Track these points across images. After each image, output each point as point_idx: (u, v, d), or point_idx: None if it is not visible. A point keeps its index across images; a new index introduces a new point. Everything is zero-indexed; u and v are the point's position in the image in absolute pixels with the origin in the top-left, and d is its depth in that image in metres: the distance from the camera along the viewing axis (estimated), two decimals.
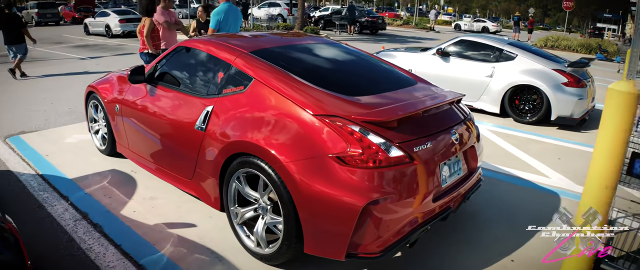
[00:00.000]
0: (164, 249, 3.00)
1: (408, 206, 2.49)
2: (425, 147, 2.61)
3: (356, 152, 2.40)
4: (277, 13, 27.61)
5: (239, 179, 2.85)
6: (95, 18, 22.11)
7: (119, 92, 4.20)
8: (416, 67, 7.78)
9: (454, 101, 3.11)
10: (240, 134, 2.79)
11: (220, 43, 3.42)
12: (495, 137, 6.04)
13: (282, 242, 2.63)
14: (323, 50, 3.64)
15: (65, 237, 3.18)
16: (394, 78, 3.45)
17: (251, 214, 2.89)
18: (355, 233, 2.38)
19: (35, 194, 3.89)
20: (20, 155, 4.86)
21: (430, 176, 2.61)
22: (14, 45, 9.77)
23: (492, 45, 7.40)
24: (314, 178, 2.42)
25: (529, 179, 4.56)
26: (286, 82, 2.86)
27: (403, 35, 25.96)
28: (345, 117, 2.53)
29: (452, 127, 2.90)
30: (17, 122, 6.27)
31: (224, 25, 6.62)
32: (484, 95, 7.19)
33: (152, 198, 3.79)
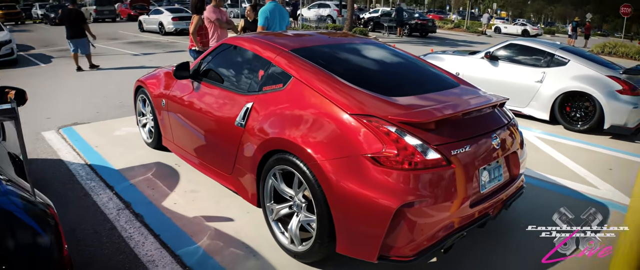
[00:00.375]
0: (201, 241, 3.07)
1: (444, 210, 2.44)
2: (464, 151, 2.54)
3: (391, 153, 2.36)
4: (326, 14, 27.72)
5: (275, 176, 2.88)
6: (149, 15, 22.94)
7: (166, 87, 4.33)
8: (464, 71, 7.61)
9: (496, 105, 3.01)
10: (277, 131, 2.82)
11: (262, 41, 3.47)
12: (543, 144, 5.81)
13: (315, 240, 2.63)
14: (364, 50, 3.62)
15: (108, 225, 3.31)
16: (436, 80, 3.39)
17: (286, 211, 2.91)
18: (388, 235, 2.35)
19: (83, 182, 4.08)
20: (72, 145, 5.11)
21: (468, 181, 2.54)
22: (75, 39, 10.39)
23: (543, 49, 7.13)
24: (348, 177, 2.41)
25: (577, 189, 4.35)
26: (324, 80, 2.86)
27: (453, 39, 25.45)
28: (382, 117, 2.51)
29: (493, 132, 2.81)
30: (71, 113, 6.59)
31: (270, 23, 6.72)
32: (533, 101, 6.93)
33: (193, 191, 3.88)
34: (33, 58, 13.39)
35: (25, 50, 15.28)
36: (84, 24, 10.55)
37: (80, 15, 10.59)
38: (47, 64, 12.22)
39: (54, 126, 5.93)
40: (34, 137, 5.44)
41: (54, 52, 14.83)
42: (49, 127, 5.91)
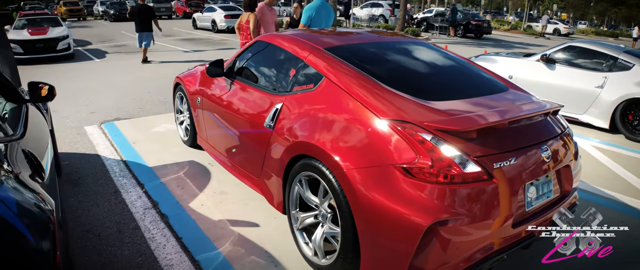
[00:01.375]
0: (222, 247, 2.93)
1: (482, 230, 2.17)
2: (509, 164, 2.25)
3: (426, 164, 2.12)
4: (379, 13, 27.37)
5: (301, 182, 2.70)
6: (202, 13, 23.37)
7: (201, 84, 4.25)
8: (517, 74, 7.18)
9: (549, 112, 2.67)
10: (304, 135, 2.64)
11: (295, 38, 3.30)
12: (601, 155, 5.34)
13: (338, 254, 2.43)
14: (406, 50, 3.37)
15: (132, 224, 3.24)
16: (483, 83, 3.09)
17: (311, 220, 2.72)
18: (418, 255, 2.11)
19: (115, 179, 4.06)
20: (110, 141, 5.15)
21: (512, 197, 2.25)
22: (143, 33, 11.17)
23: (605, 52, 6.59)
24: (375, 189, 2.19)
25: (636, 205, 3.92)
26: (357, 81, 2.64)
27: (509, 41, 24.41)
28: (417, 124, 2.26)
29: (544, 143, 2.50)
30: (116, 108, 6.70)
31: (315, 21, 6.55)
32: (592, 108, 6.41)
33: (222, 193, 3.77)
34: (89, 53, 13.91)
35: (82, 45, 15.92)
36: (153, 18, 11.30)
37: (150, 10, 11.38)
38: (101, 59, 12.64)
39: (97, 121, 6.02)
40: (76, 132, 5.54)
41: (109, 47, 15.35)
42: (92, 121, 6.01)
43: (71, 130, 5.60)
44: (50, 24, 13.24)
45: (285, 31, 3.95)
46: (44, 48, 11.99)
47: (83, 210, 3.49)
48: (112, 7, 28.71)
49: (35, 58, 11.84)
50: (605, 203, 3.93)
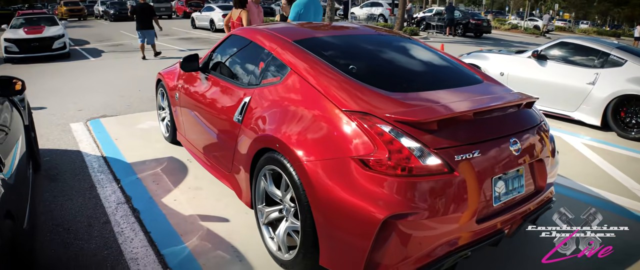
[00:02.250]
0: (189, 242, 2.90)
1: (443, 225, 2.11)
2: (473, 157, 2.20)
3: (383, 156, 2.07)
4: (378, 13, 27.29)
5: (265, 176, 2.65)
6: (201, 12, 23.35)
7: (179, 80, 4.22)
8: (509, 70, 7.12)
9: (521, 104, 2.61)
10: (268, 128, 2.59)
11: (266, 31, 3.26)
12: (591, 152, 5.26)
13: (299, 249, 2.39)
14: (379, 42, 3.32)
15: (103, 219, 3.21)
16: (455, 75, 3.03)
17: (276, 214, 2.68)
18: (375, 249, 2.06)
19: (93, 174, 4.03)
20: (94, 137, 5.12)
21: (476, 192, 2.19)
22: (144, 30, 11.56)
23: (597, 48, 6.50)
24: (333, 181, 2.14)
25: (623, 204, 3.84)
26: (320, 73, 2.60)
27: (509, 40, 24.28)
28: (377, 115, 2.21)
29: (513, 135, 2.43)
30: (103, 106, 6.68)
31: (304, 18, 6.50)
32: (583, 105, 6.33)
33: (197, 188, 3.73)
34: (85, 52, 13.91)
35: (80, 44, 15.94)
36: (154, 17, 11.71)
37: (150, 9, 11.77)
38: (96, 58, 12.64)
39: (84, 118, 6.00)
40: (61, 129, 5.51)
41: (106, 47, 15.35)
42: (78, 119, 5.99)
43: (56, 127, 5.58)
44: (46, 23, 13.26)
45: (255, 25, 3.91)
46: (39, 47, 12.00)
47: (56, 204, 3.46)
48: (112, 7, 28.77)
49: (30, 57, 11.85)
50: (591, 201, 3.84)
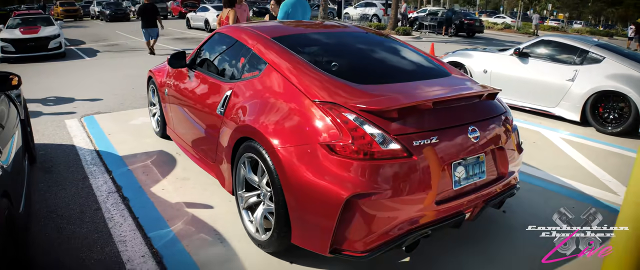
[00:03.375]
0: (174, 226, 3.10)
1: (403, 205, 2.31)
2: (430, 143, 2.40)
3: (347, 142, 2.28)
4: (372, 13, 27.52)
5: (245, 164, 2.85)
6: (196, 13, 23.51)
7: (168, 77, 4.41)
8: (492, 68, 7.33)
9: (482, 95, 2.81)
10: (246, 118, 2.79)
11: (247, 29, 3.46)
12: (568, 146, 5.47)
13: (273, 229, 2.59)
14: (354, 39, 3.53)
15: (94, 206, 3.41)
16: (423, 69, 3.24)
17: (255, 199, 2.87)
18: (340, 227, 2.27)
19: (86, 166, 4.22)
20: (87, 133, 5.32)
21: (434, 175, 2.40)
22: (148, 28, 12.60)
23: (575, 46, 6.71)
24: (302, 166, 2.34)
25: (593, 194, 4.04)
26: (295, 67, 2.80)
27: (501, 39, 24.54)
28: (343, 104, 2.42)
29: (472, 124, 2.63)
30: (98, 103, 6.87)
31: (292, 17, 6.70)
32: (563, 101, 6.53)
33: (184, 179, 3.93)
34: (81, 52, 14.08)
35: (76, 44, 16.11)
36: (157, 16, 12.70)
37: (155, 9, 12.75)
38: (91, 58, 12.82)
39: (78, 115, 6.19)
40: (56, 125, 5.70)
41: (101, 46, 15.53)
42: (73, 115, 6.17)
43: (52, 123, 5.77)
44: (42, 24, 13.43)
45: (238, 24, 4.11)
46: (35, 47, 12.18)
47: (51, 193, 3.66)
48: (108, 8, 28.91)
49: (27, 56, 12.02)
50: (561, 191, 4.03)
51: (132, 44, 16.48)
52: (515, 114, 6.86)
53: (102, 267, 2.65)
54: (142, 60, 11.74)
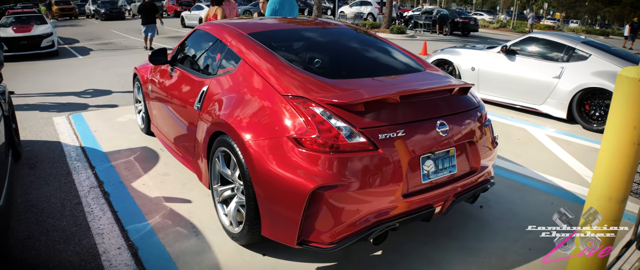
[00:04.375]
0: (152, 220, 3.14)
1: (369, 197, 2.35)
2: (396, 136, 2.44)
3: (314, 135, 2.32)
4: (367, 12, 27.54)
5: (219, 158, 2.89)
6: (190, 11, 23.49)
7: (151, 74, 4.45)
8: (479, 65, 7.38)
9: (453, 89, 2.84)
10: (220, 113, 2.84)
11: (225, 25, 3.50)
12: (552, 143, 5.51)
13: (245, 222, 2.63)
14: (330, 34, 3.58)
15: (75, 200, 3.45)
16: (397, 64, 3.28)
17: (229, 192, 2.92)
18: (306, 219, 2.31)
19: (70, 162, 4.26)
20: (74, 129, 5.35)
21: (400, 168, 2.43)
22: (147, 25, 13.35)
23: (562, 43, 6.75)
24: (270, 159, 2.39)
25: (571, 190, 4.08)
26: (267, 62, 2.85)
27: (495, 38, 24.59)
28: (311, 98, 2.46)
29: (440, 118, 2.67)
30: (86, 101, 6.90)
31: (278, 14, 6.73)
32: (550, 98, 6.58)
33: (165, 174, 3.97)
34: (74, 50, 14.09)
35: (69, 43, 16.11)
36: (157, 14, 13.53)
37: (154, 7, 13.46)
38: (84, 56, 12.83)
39: (67, 112, 6.22)
40: (44, 122, 5.74)
41: (95, 45, 15.54)
42: (62, 113, 6.21)
43: (40, 121, 5.80)
44: (35, 22, 13.44)
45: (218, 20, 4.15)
46: (28, 45, 12.21)
47: (33, 188, 3.70)
48: (103, 7, 28.86)
49: (19, 55, 12.04)
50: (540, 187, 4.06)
51: (126, 42, 16.49)
52: (503, 111, 6.95)
53: (77, 259, 2.69)
54: (133, 59, 11.76)
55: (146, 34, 13.58)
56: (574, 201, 3.79)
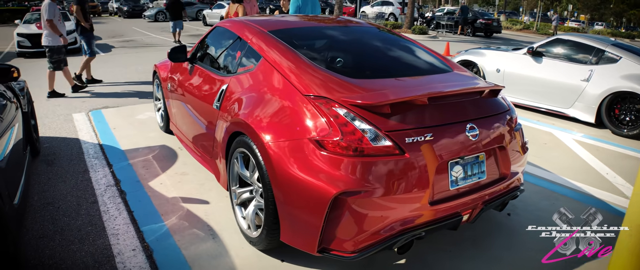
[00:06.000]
0: (168, 221, 3.07)
1: (394, 204, 2.23)
2: (425, 140, 2.31)
3: (337, 137, 2.21)
4: (389, 12, 27.33)
5: (237, 159, 2.80)
6: (212, 10, 23.60)
7: (171, 71, 4.39)
8: (505, 67, 7.18)
9: (484, 92, 2.70)
10: (239, 113, 2.74)
11: (246, 22, 3.41)
12: (580, 148, 5.30)
13: (263, 226, 2.53)
14: (354, 33, 3.46)
15: (91, 199, 3.40)
16: (423, 65, 3.15)
17: (247, 195, 2.82)
18: (328, 226, 2.20)
19: (88, 160, 4.23)
20: (93, 126, 5.33)
21: (428, 174, 2.30)
22: (175, 20, 14.76)
23: (591, 45, 6.52)
24: (291, 161, 2.28)
25: (603, 198, 3.89)
26: (288, 60, 2.74)
27: (518, 40, 24.14)
28: (334, 98, 2.35)
29: (470, 121, 2.54)
30: (107, 98, 6.91)
31: (302, 12, 6.67)
32: (577, 102, 6.35)
33: (183, 173, 3.90)
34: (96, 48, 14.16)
35: None
36: (183, 10, 14.89)
37: (180, 3, 14.76)
38: (106, 53, 12.93)
39: (86, 109, 6.22)
40: (64, 118, 5.74)
41: (117, 42, 15.66)
42: (81, 109, 6.21)
43: (59, 117, 5.80)
44: None
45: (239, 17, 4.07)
46: None
47: (50, 186, 3.66)
48: (126, 4, 29.21)
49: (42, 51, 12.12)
50: (569, 194, 3.90)
51: (147, 40, 16.60)
52: (528, 114, 6.74)
53: (91, 260, 2.62)
54: (154, 56, 11.80)
55: (174, 30, 14.75)
56: (607, 210, 3.61)
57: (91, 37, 7.83)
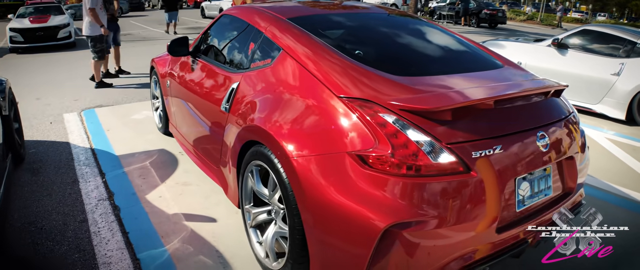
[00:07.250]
0: (170, 244, 2.59)
1: (457, 235, 1.76)
2: (494, 153, 1.84)
3: (385, 152, 1.72)
4: (391, 2, 26.83)
5: (252, 173, 2.32)
6: (211, 2, 23.01)
7: (170, 66, 3.91)
8: (527, 60, 6.69)
9: (548, 93, 2.24)
10: (255, 118, 2.26)
11: (258, 9, 2.91)
12: (616, 148, 4.85)
13: (287, 257, 2.06)
14: (384, 21, 2.96)
15: (80, 217, 2.93)
16: (473, 59, 2.66)
17: (265, 216, 2.34)
18: (375, 261, 1.72)
19: (78, 167, 3.75)
20: (85, 128, 4.85)
21: (496, 195, 1.83)
22: (170, 12, 14.97)
23: (622, 37, 6.05)
24: (325, 181, 1.80)
25: None
26: (315, 54, 2.25)
27: (524, 31, 23.61)
28: (379, 102, 1.86)
29: (540, 129, 2.07)
30: (100, 95, 6.41)
31: None
32: (607, 97, 5.90)
33: (185, 184, 3.42)
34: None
35: None
36: (179, 2, 15.24)
37: None
38: None
39: (79, 108, 5.74)
40: (54, 119, 5.27)
41: None
42: (73, 109, 5.73)
43: (49, 118, 5.33)
44: (52, 13, 13.06)
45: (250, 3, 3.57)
46: (44, 36, 11.82)
47: (33, 200, 3.19)
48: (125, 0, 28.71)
49: (35, 46, 11.66)
50: (616, 202, 3.48)
51: (144, 33, 16.08)
52: None
53: None
54: (151, 50, 11.26)
55: (169, 21, 14.99)
56: None
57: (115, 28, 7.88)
